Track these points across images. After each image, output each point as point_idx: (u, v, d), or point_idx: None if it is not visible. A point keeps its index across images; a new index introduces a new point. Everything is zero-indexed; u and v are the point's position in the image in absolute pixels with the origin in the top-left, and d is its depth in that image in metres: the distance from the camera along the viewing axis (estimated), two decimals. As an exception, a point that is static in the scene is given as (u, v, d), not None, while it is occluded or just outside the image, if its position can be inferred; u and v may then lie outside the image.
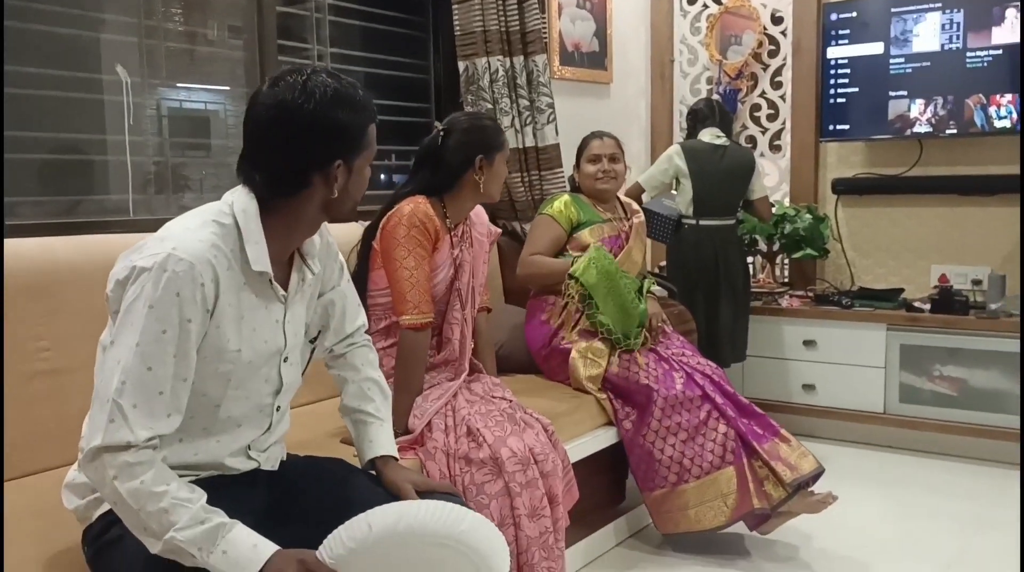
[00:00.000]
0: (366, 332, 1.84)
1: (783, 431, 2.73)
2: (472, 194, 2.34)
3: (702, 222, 3.56)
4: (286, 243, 1.52)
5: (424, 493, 1.64)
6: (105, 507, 1.45)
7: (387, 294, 2.25)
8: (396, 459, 1.73)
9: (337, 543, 1.36)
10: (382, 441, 1.73)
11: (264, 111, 1.45)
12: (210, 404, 1.47)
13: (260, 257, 1.45)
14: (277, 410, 1.58)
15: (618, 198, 3.09)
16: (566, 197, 2.97)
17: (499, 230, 2.58)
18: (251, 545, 1.34)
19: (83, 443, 1.37)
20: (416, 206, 2.23)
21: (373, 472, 1.71)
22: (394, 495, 1.63)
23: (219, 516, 1.34)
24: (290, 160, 1.45)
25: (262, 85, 1.49)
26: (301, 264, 1.57)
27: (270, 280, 1.48)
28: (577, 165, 3.05)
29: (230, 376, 1.46)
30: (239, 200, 1.46)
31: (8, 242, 2.09)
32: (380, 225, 2.26)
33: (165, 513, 1.30)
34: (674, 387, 2.69)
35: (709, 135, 3.63)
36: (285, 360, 1.55)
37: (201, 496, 1.35)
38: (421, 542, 1.38)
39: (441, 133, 2.34)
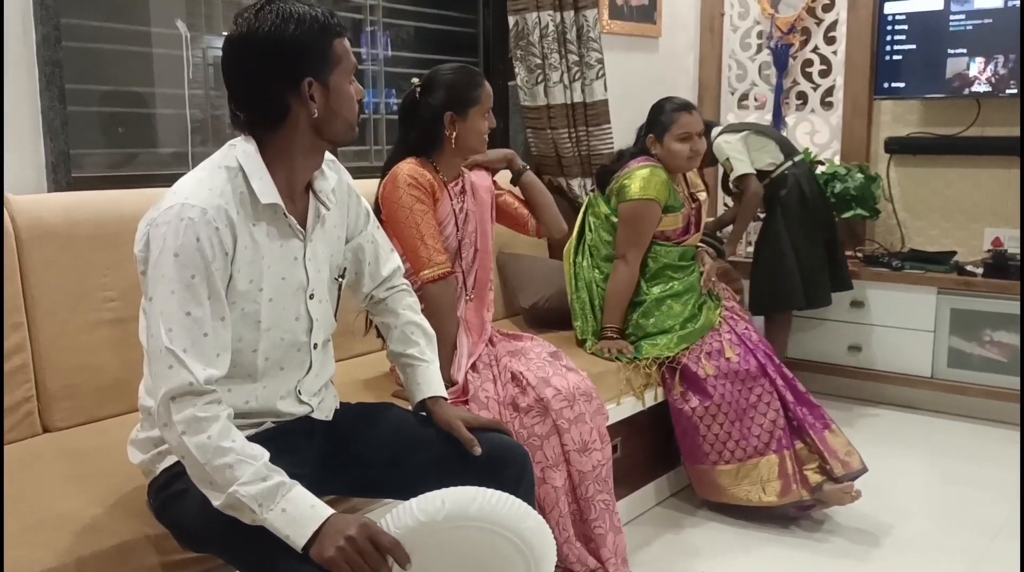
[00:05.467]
0: (408, 280, 1.86)
1: (834, 425, 2.72)
2: (453, 151, 2.25)
3: (795, 158, 3.56)
4: (292, 176, 1.54)
5: (474, 429, 1.67)
6: (168, 461, 1.50)
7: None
8: (445, 398, 1.76)
9: (407, 514, 1.37)
10: (430, 382, 1.76)
11: (227, 49, 1.49)
12: (248, 349, 1.51)
13: (267, 190, 1.49)
14: (315, 348, 1.62)
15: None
16: (663, 175, 2.72)
17: (494, 191, 2.46)
18: (309, 505, 1.37)
19: (146, 401, 1.41)
20: (408, 167, 2.20)
21: (424, 413, 1.74)
22: (445, 433, 1.67)
23: (281, 475, 1.38)
24: (260, 89, 1.48)
25: None
26: (316, 201, 1.59)
27: (284, 214, 1.51)
28: (657, 136, 2.77)
29: (258, 317, 1.50)
30: (240, 144, 1.51)
31: (76, 194, 2.15)
32: (379, 195, 2.24)
33: (230, 468, 1.34)
34: (727, 359, 2.69)
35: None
36: (311, 297, 1.58)
37: (264, 454, 1.39)
38: (486, 528, 1.40)
39: (418, 90, 2.26)
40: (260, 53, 1.45)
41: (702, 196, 2.93)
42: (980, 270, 3.62)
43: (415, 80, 2.28)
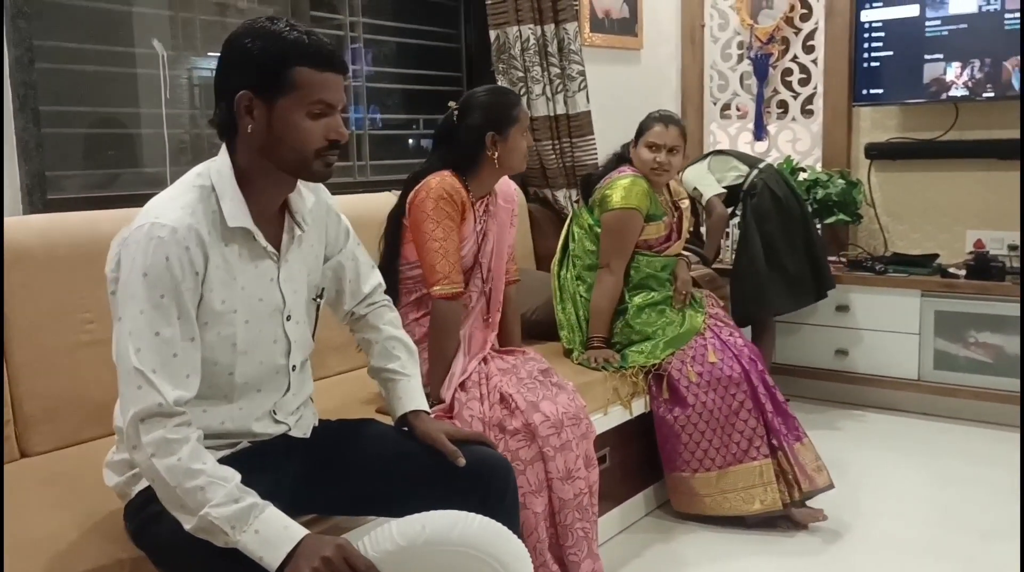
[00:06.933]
0: (389, 296, 1.85)
1: (805, 438, 2.73)
2: (492, 170, 2.30)
3: (759, 166, 3.58)
4: (260, 197, 1.52)
5: (457, 442, 1.66)
6: (143, 484, 1.48)
7: (418, 267, 2.26)
8: (427, 412, 1.74)
9: (385, 538, 1.36)
10: (411, 396, 1.75)
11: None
12: (224, 372, 1.49)
13: (236, 213, 1.47)
14: (293, 370, 1.60)
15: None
16: (644, 184, 2.75)
17: (516, 200, 2.48)
18: (283, 526, 1.35)
19: (119, 422, 1.40)
20: (443, 179, 2.22)
21: (405, 428, 1.72)
22: (428, 446, 1.65)
23: (253, 496, 1.36)
24: (216, 93, 1.50)
25: None
26: (291, 222, 1.58)
27: (254, 237, 1.50)
28: (634, 142, 2.84)
29: (234, 339, 1.49)
30: (216, 162, 1.51)
31: (53, 215, 2.13)
32: (408, 200, 2.26)
33: (201, 490, 1.33)
34: (711, 363, 2.69)
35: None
36: (288, 318, 1.57)
37: (235, 476, 1.37)
38: (466, 552, 1.39)
39: (455, 113, 2.32)
40: (220, 57, 1.48)
41: (684, 204, 2.94)
42: (963, 272, 3.64)
43: (452, 104, 2.34)
